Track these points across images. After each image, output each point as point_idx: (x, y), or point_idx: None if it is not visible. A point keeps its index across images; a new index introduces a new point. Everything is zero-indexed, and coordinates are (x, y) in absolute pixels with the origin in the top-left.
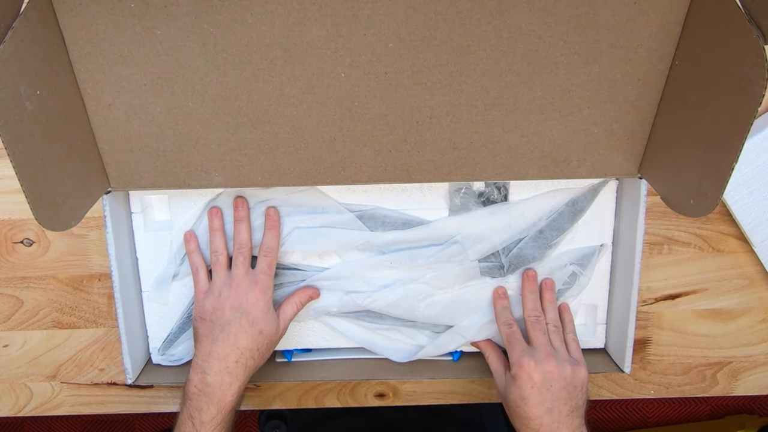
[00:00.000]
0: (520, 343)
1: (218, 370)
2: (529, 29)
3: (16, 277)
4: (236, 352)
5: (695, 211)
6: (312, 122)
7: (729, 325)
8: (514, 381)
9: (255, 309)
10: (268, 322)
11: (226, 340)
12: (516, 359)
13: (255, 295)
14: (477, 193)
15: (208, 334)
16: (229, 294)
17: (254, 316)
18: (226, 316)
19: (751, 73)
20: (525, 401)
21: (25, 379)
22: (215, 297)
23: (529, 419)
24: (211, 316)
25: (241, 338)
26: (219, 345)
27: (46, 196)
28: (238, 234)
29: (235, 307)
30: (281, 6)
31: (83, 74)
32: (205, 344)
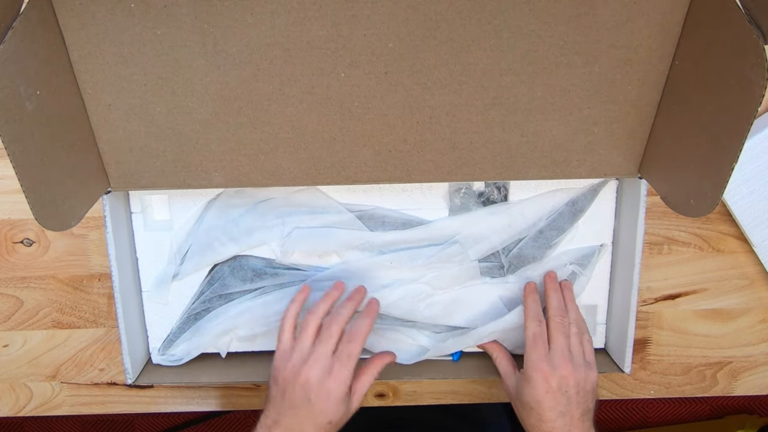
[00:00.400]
0: (544, 346)
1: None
2: (529, 29)
3: (16, 277)
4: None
5: (695, 211)
6: (312, 122)
7: (729, 325)
8: (529, 383)
9: (327, 401)
10: (340, 413)
11: (294, 418)
12: (534, 361)
13: (329, 386)
14: (477, 193)
15: (278, 402)
16: (307, 373)
17: (324, 408)
18: (297, 395)
19: (751, 73)
20: (539, 404)
21: (25, 379)
22: (294, 367)
23: (543, 422)
24: (284, 384)
25: (307, 426)
26: (286, 419)
27: (46, 196)
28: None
29: (306, 391)
30: (281, 6)
31: (83, 74)
32: (275, 408)
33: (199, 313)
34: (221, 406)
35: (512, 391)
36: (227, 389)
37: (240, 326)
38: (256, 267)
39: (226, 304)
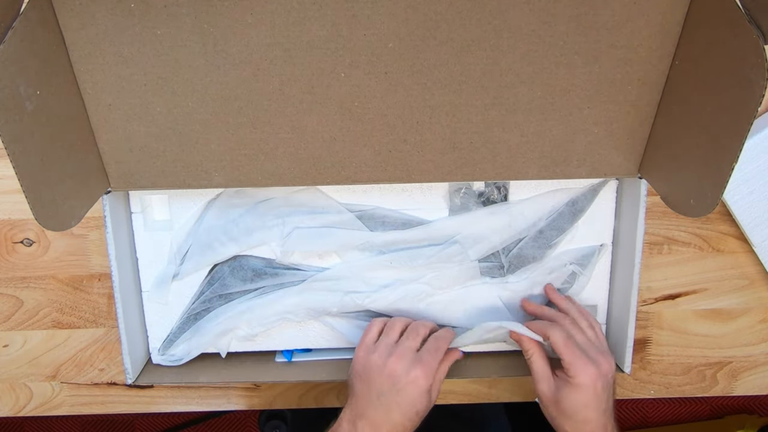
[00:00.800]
0: (577, 348)
1: None
2: (529, 29)
3: (16, 277)
4: (388, 424)
5: (695, 211)
6: (312, 122)
7: (729, 325)
8: (578, 389)
9: (414, 390)
10: (425, 404)
11: (379, 409)
12: (579, 367)
13: (416, 374)
14: (477, 193)
15: (364, 394)
16: (394, 364)
17: (412, 397)
18: (384, 386)
19: (751, 73)
20: (587, 407)
21: (25, 379)
22: (380, 359)
23: (588, 422)
24: (369, 376)
25: (395, 414)
26: (372, 411)
27: (46, 196)
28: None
29: (394, 381)
30: (281, 6)
31: (83, 74)
32: (361, 403)
33: (199, 313)
34: (221, 406)
35: (549, 395)
36: (227, 389)
37: (240, 326)
38: (256, 267)
39: (226, 304)
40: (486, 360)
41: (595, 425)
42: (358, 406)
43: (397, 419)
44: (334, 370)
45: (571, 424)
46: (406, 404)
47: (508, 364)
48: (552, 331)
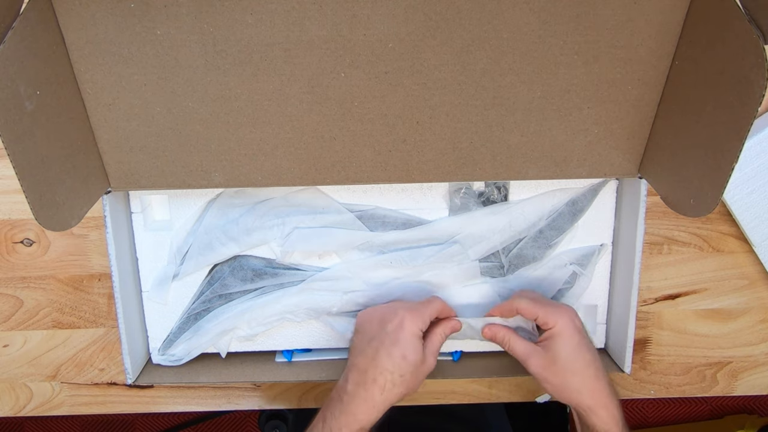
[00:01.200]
0: (543, 302)
1: (357, 382)
2: (529, 29)
3: (16, 277)
4: (375, 369)
5: (695, 211)
6: (312, 122)
7: (729, 325)
8: (561, 335)
9: (401, 330)
10: (413, 348)
11: (368, 353)
12: (553, 313)
13: (403, 315)
14: (477, 193)
15: (357, 345)
16: (383, 309)
17: (398, 337)
18: (373, 330)
19: (751, 73)
20: (580, 347)
21: (25, 379)
22: (372, 309)
23: (588, 364)
24: (363, 326)
25: (382, 356)
26: (361, 358)
27: (46, 196)
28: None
29: (383, 324)
30: (281, 6)
31: (83, 74)
32: (353, 355)
33: (199, 313)
34: (221, 406)
35: (543, 364)
36: (227, 389)
37: (240, 326)
38: (256, 267)
39: (226, 304)
40: (486, 360)
41: (596, 366)
42: (351, 358)
43: (383, 363)
44: (334, 370)
45: (578, 378)
46: (392, 346)
47: (508, 364)
48: (517, 302)
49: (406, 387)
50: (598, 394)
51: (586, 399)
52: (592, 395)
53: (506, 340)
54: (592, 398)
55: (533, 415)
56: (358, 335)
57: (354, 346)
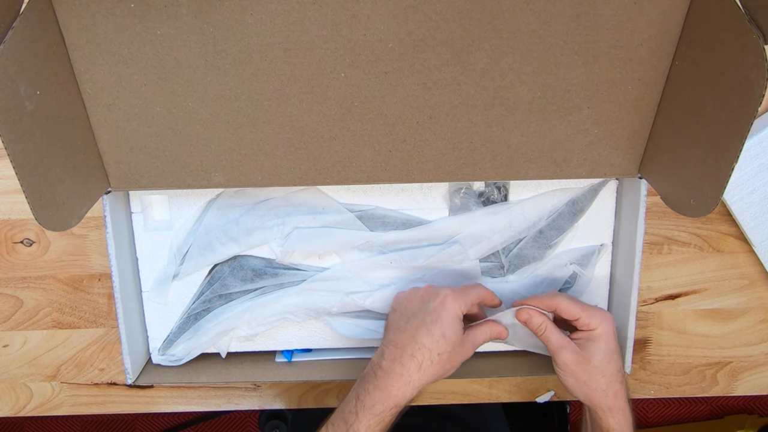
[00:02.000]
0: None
1: (393, 357)
2: (529, 29)
3: (16, 277)
4: (413, 345)
5: (695, 211)
6: (312, 122)
7: (729, 325)
8: (600, 338)
9: (442, 308)
10: (453, 328)
11: (407, 331)
12: (597, 316)
13: (445, 294)
14: (477, 193)
15: (394, 322)
16: (425, 288)
17: (439, 314)
18: (414, 307)
19: (751, 73)
20: (615, 353)
21: (25, 379)
22: (413, 289)
23: (619, 370)
24: (403, 305)
25: (421, 333)
26: (400, 335)
27: (46, 196)
28: None
29: (425, 300)
30: (281, 6)
31: (83, 74)
32: (390, 332)
33: (199, 313)
34: (221, 406)
35: (574, 360)
36: (227, 389)
37: (240, 326)
38: (256, 267)
39: (226, 304)
40: (486, 360)
41: (622, 372)
42: (387, 337)
43: (422, 340)
44: (334, 370)
45: (605, 380)
46: (432, 324)
47: (508, 364)
48: (558, 300)
49: (442, 367)
50: (620, 397)
51: (608, 400)
52: (615, 398)
53: (542, 327)
54: (614, 401)
55: (532, 416)
56: (395, 313)
57: (390, 323)
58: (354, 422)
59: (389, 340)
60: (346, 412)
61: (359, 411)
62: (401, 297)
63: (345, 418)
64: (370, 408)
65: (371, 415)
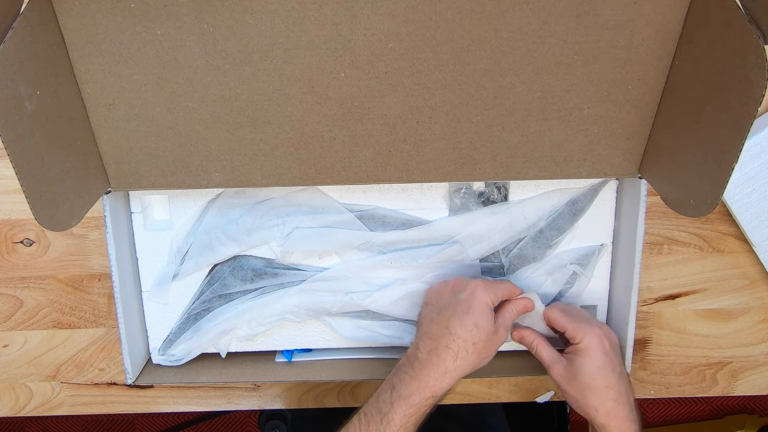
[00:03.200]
0: (575, 316)
1: (429, 349)
2: (529, 29)
3: (16, 277)
4: (448, 336)
5: (695, 211)
6: (312, 122)
7: (729, 325)
8: (586, 352)
9: (473, 298)
10: (485, 317)
11: (440, 323)
12: (582, 329)
13: (477, 285)
14: (477, 193)
15: (427, 315)
16: (456, 280)
17: (471, 304)
18: (445, 299)
19: (751, 73)
20: (603, 369)
21: (25, 379)
22: (443, 282)
23: (610, 387)
24: (434, 298)
25: (454, 323)
26: (434, 327)
27: (46, 196)
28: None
29: (455, 291)
30: (281, 6)
31: (83, 74)
32: (424, 325)
33: (199, 313)
34: (221, 406)
35: (565, 374)
36: (227, 389)
37: (240, 326)
38: (256, 267)
39: (226, 304)
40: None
41: (618, 391)
42: (421, 330)
43: (457, 331)
44: (334, 370)
45: (596, 397)
46: (465, 314)
47: (507, 364)
48: (549, 310)
49: (478, 356)
50: (614, 416)
51: (601, 418)
52: (607, 416)
53: (534, 345)
54: (607, 419)
55: (532, 415)
56: (427, 307)
57: (423, 316)
58: (389, 412)
59: (423, 332)
60: (380, 401)
61: (395, 401)
62: (432, 290)
63: (379, 407)
64: (406, 398)
65: (407, 406)
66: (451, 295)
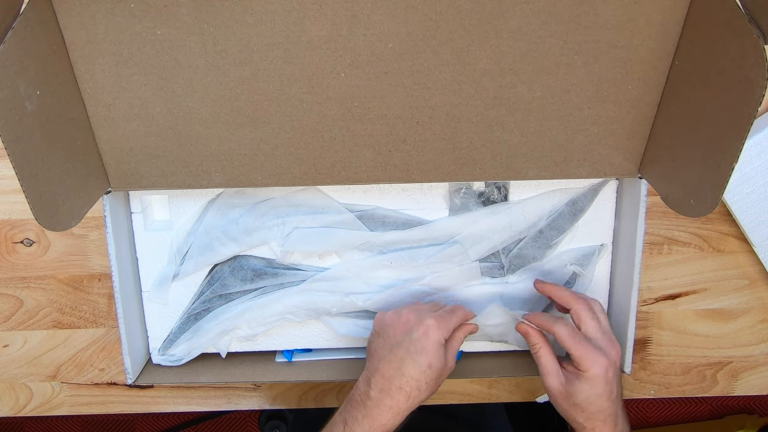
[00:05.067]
0: (585, 339)
1: (381, 388)
2: (529, 29)
3: (16, 277)
4: (401, 377)
5: (695, 211)
6: (312, 122)
7: (729, 325)
8: (588, 381)
9: (426, 339)
10: (438, 356)
11: (393, 362)
12: (591, 359)
13: (429, 323)
14: (477, 193)
15: (378, 349)
16: (408, 315)
17: (424, 346)
18: (398, 336)
19: (751, 73)
20: (600, 397)
21: (25, 379)
22: (395, 313)
23: (601, 411)
24: (386, 331)
25: (408, 365)
26: (385, 365)
27: (46, 196)
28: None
29: (408, 329)
30: (281, 6)
31: (83, 74)
32: (375, 359)
33: (199, 313)
34: (221, 406)
35: (559, 389)
36: (227, 389)
37: (240, 326)
38: (256, 267)
39: (226, 304)
40: (486, 360)
41: (607, 413)
42: (372, 364)
43: (409, 371)
44: (334, 370)
45: (584, 416)
46: (418, 354)
47: (508, 364)
48: (557, 327)
49: (430, 392)
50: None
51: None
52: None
53: (537, 347)
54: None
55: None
56: (379, 339)
57: (375, 349)
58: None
59: (375, 368)
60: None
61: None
62: (385, 321)
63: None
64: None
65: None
66: (404, 332)
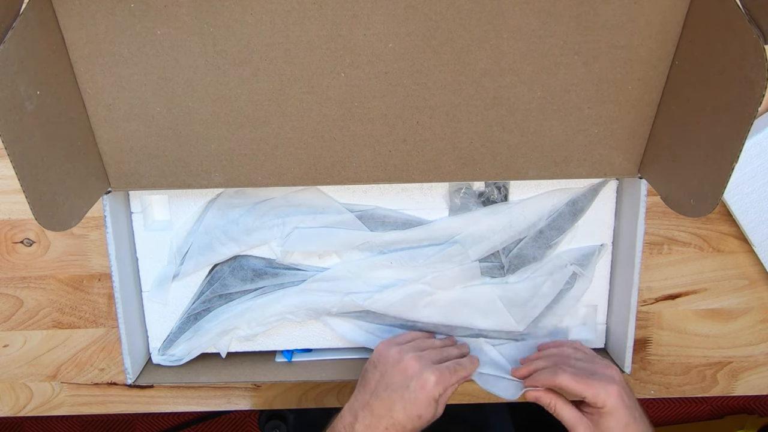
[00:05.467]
0: (586, 375)
1: (368, 425)
2: (529, 29)
3: (16, 277)
4: (388, 420)
5: (695, 211)
6: (312, 122)
7: (729, 325)
8: (611, 413)
9: (422, 393)
10: (429, 409)
11: (384, 401)
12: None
13: (429, 378)
14: (477, 193)
15: (372, 382)
16: (410, 362)
17: (418, 399)
18: (395, 379)
19: (751, 73)
20: (628, 425)
21: (25, 379)
22: (399, 354)
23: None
24: (384, 367)
25: (397, 410)
26: (377, 402)
27: (46, 196)
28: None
29: (406, 377)
30: (281, 6)
31: (83, 74)
32: (367, 392)
33: (199, 313)
34: (221, 406)
35: None
36: (227, 389)
37: (240, 326)
38: (256, 267)
39: (226, 304)
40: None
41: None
42: (363, 396)
43: (398, 417)
44: (334, 370)
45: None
46: (410, 404)
47: None
48: (558, 377)
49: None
50: None
51: None
52: None
53: (552, 405)
54: None
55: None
56: (376, 372)
57: (369, 380)
58: None
59: (365, 402)
60: None
61: None
62: (386, 359)
63: None
64: None
65: None
66: (402, 378)
